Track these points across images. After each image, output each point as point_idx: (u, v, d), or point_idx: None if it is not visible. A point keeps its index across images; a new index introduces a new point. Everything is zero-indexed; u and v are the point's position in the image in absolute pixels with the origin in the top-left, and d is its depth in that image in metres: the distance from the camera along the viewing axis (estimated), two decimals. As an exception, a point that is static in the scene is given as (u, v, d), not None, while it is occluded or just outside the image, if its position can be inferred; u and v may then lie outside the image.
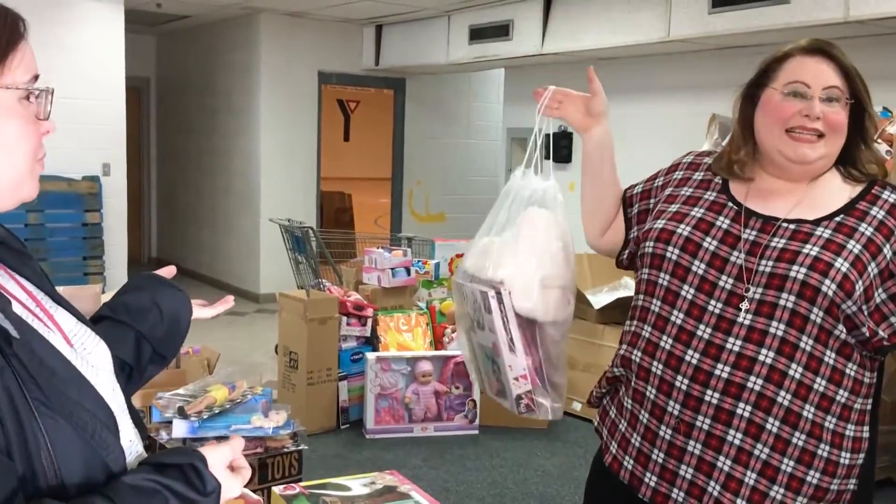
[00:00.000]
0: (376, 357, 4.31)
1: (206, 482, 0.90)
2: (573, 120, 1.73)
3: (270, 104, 7.82)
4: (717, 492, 1.46)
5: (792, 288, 1.41)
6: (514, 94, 7.49)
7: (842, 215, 1.46)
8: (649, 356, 1.52)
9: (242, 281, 8.19)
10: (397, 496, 1.92)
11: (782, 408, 1.42)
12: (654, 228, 1.58)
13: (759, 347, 1.42)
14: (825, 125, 1.46)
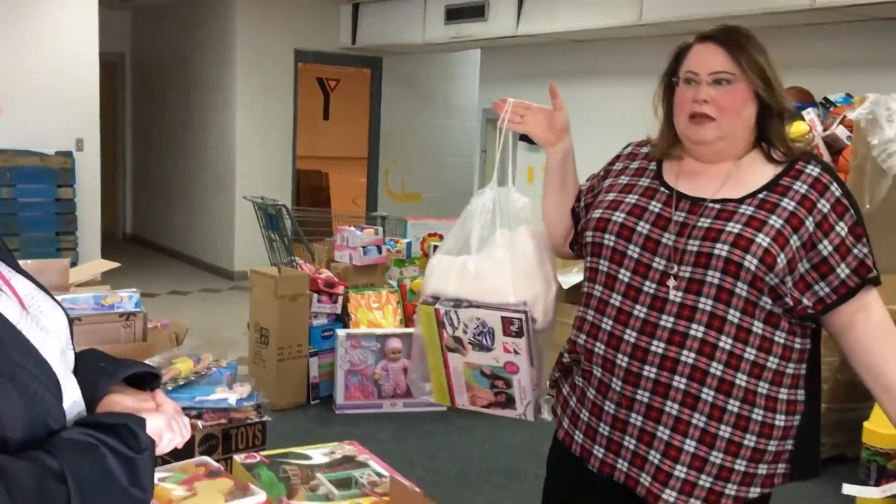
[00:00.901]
0: (346, 334, 4.37)
1: (139, 441, 0.96)
2: (538, 134, 1.75)
3: (246, 81, 7.80)
4: (658, 460, 1.54)
5: (717, 265, 1.49)
6: (489, 74, 7.52)
7: (765, 192, 1.53)
8: (593, 338, 1.61)
9: (217, 258, 8.20)
10: (355, 465, 1.98)
11: (715, 378, 1.50)
12: (591, 218, 1.66)
13: (690, 323, 1.50)
14: (715, 108, 1.53)
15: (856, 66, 4.75)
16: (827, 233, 1.49)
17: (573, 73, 6.51)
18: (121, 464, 0.92)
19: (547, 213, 1.81)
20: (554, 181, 1.79)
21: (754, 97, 1.54)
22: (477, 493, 3.50)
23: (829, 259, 1.49)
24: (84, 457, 0.90)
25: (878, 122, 3.83)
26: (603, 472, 1.63)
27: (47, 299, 1.05)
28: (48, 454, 0.87)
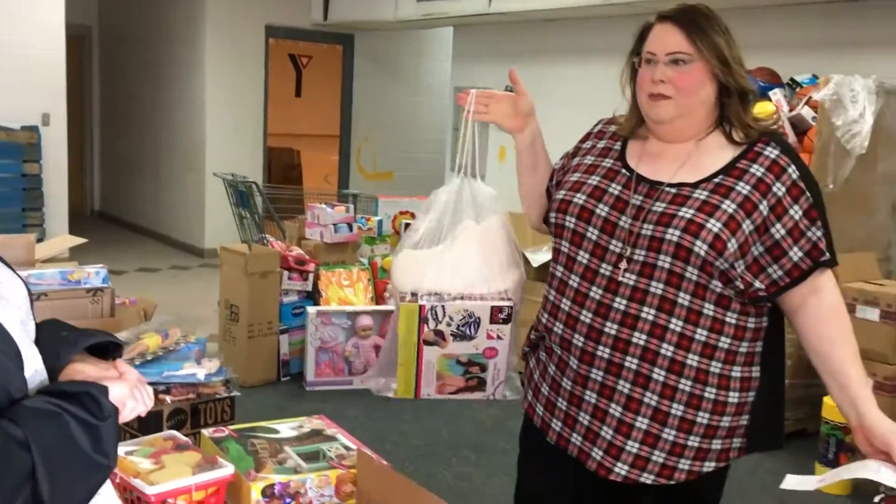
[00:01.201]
0: (317, 311, 4.37)
1: (102, 408, 0.97)
2: (504, 123, 1.75)
3: (216, 57, 7.71)
4: (610, 435, 1.58)
5: (667, 249, 1.51)
6: (462, 52, 7.50)
7: (721, 176, 1.54)
8: (553, 317, 1.66)
9: (187, 235, 8.14)
10: (323, 438, 2.00)
11: (666, 359, 1.53)
12: (556, 199, 1.68)
13: (642, 305, 1.53)
14: (672, 87, 1.55)
15: (822, 47, 4.80)
16: (780, 216, 1.50)
17: (544, 51, 6.51)
18: (84, 431, 0.93)
19: (522, 193, 1.84)
20: (525, 164, 1.80)
21: (712, 77, 1.55)
22: (446, 467, 3.55)
23: (781, 242, 1.51)
24: (47, 424, 0.91)
25: (842, 102, 3.89)
26: (559, 445, 1.67)
27: (5, 270, 1.05)
28: (11, 422, 0.88)
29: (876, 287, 3.64)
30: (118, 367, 1.10)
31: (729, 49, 1.55)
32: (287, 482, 1.75)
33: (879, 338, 3.55)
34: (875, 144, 3.98)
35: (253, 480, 1.72)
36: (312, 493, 1.77)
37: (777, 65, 4.61)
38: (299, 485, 1.76)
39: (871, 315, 3.57)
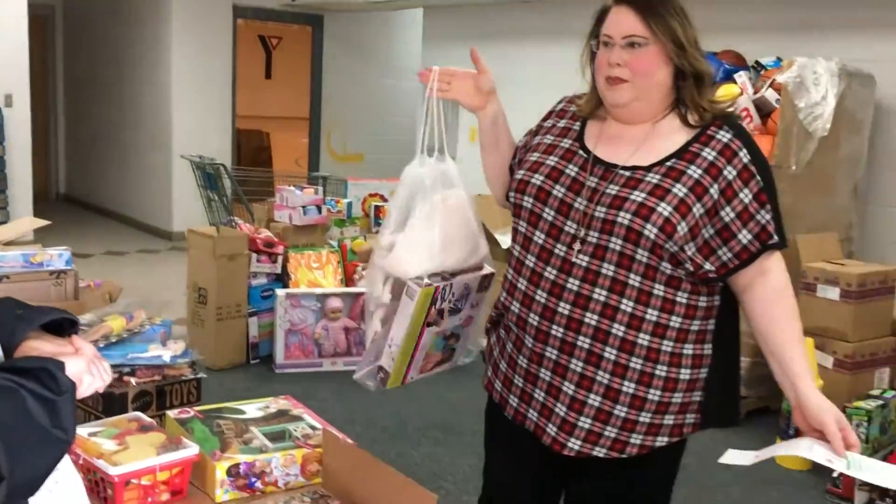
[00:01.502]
0: (286, 293, 4.37)
1: (59, 383, 0.97)
2: (465, 100, 1.74)
3: (182, 37, 7.61)
4: (564, 412, 1.62)
5: (619, 232, 1.53)
6: (432, 34, 7.47)
7: (673, 160, 1.56)
8: (510, 296, 1.69)
9: (155, 218, 8.06)
10: (289, 418, 2.01)
11: (617, 338, 1.56)
12: (514, 179, 1.70)
13: (594, 287, 1.56)
14: (628, 70, 1.56)
15: (787, 30, 4.86)
16: (730, 199, 1.53)
17: (515, 33, 6.51)
18: (41, 406, 0.93)
19: (486, 170, 1.85)
20: (488, 141, 1.81)
21: (668, 60, 1.56)
22: (415, 447, 3.57)
23: (731, 225, 1.53)
24: (4, 400, 0.91)
25: (805, 85, 3.94)
26: (516, 420, 1.71)
27: None
28: None
29: (836, 267, 3.71)
30: (74, 343, 1.09)
31: (684, 31, 1.56)
32: (252, 462, 1.76)
33: (839, 316, 3.62)
34: (837, 127, 4.04)
35: (218, 460, 1.73)
36: (278, 472, 1.78)
37: (743, 48, 4.65)
38: (265, 464, 1.77)
39: (832, 294, 3.64)
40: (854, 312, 3.60)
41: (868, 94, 4.28)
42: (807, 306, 3.75)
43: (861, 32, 4.57)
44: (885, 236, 4.55)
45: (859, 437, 3.19)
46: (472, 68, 1.76)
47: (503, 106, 1.80)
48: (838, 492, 3.26)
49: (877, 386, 3.67)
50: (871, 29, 4.55)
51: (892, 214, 4.53)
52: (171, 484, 1.69)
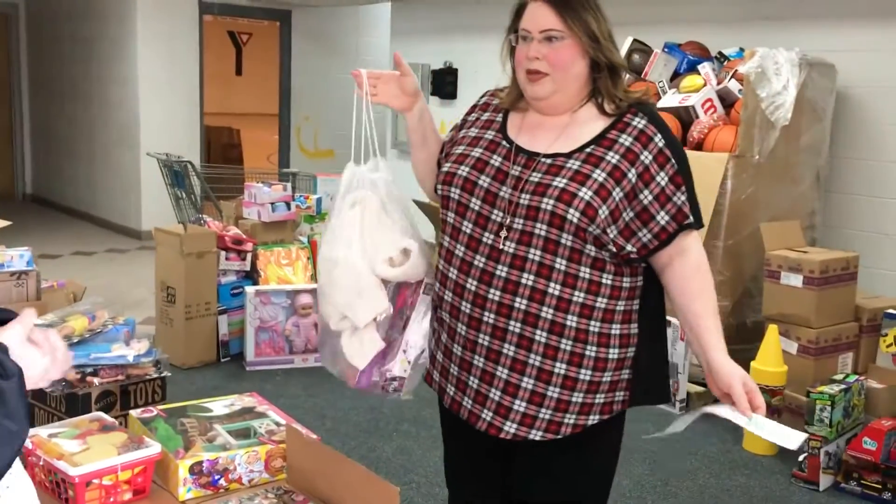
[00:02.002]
0: (256, 290, 4.35)
1: (6, 368, 0.94)
2: (393, 102, 1.80)
3: (148, 33, 7.53)
4: (498, 397, 1.67)
5: (543, 218, 1.59)
6: (400, 29, 7.46)
7: (592, 146, 1.63)
8: (443, 286, 1.73)
9: (123, 217, 7.98)
10: (254, 415, 2.01)
11: (547, 321, 1.62)
12: (441, 172, 1.75)
13: (521, 272, 1.61)
14: (547, 64, 1.62)
15: (749, 21, 4.91)
16: (648, 183, 1.59)
17: (482, 27, 6.52)
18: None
19: (416, 167, 1.91)
20: (415, 139, 1.87)
21: (584, 53, 1.63)
22: (387, 442, 3.58)
23: (649, 207, 1.59)
24: None
25: (766, 75, 3.99)
26: (453, 409, 1.75)
27: None
28: None
29: (799, 254, 3.76)
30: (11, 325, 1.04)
31: (598, 25, 1.63)
32: (215, 459, 1.76)
33: (802, 303, 3.68)
34: (798, 116, 4.10)
35: (181, 459, 1.73)
36: (242, 469, 1.78)
37: (706, 39, 4.70)
38: (228, 461, 1.77)
39: (795, 281, 3.70)
40: (817, 299, 3.66)
41: (828, 84, 4.34)
42: (771, 293, 3.81)
43: (821, 23, 4.64)
44: (846, 223, 4.62)
45: (823, 420, 3.26)
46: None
47: (467, 101, 1.85)
48: (803, 475, 3.32)
49: (840, 371, 3.73)
50: (830, 19, 4.62)
51: (853, 202, 4.60)
52: (133, 483, 1.69)
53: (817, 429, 3.29)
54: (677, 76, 4.51)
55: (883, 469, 3.17)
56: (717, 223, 3.97)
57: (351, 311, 1.73)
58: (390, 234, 1.74)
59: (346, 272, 1.72)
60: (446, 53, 6.86)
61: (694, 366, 4.07)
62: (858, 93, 4.52)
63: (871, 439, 3.15)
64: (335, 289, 1.74)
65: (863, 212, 4.57)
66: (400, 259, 1.77)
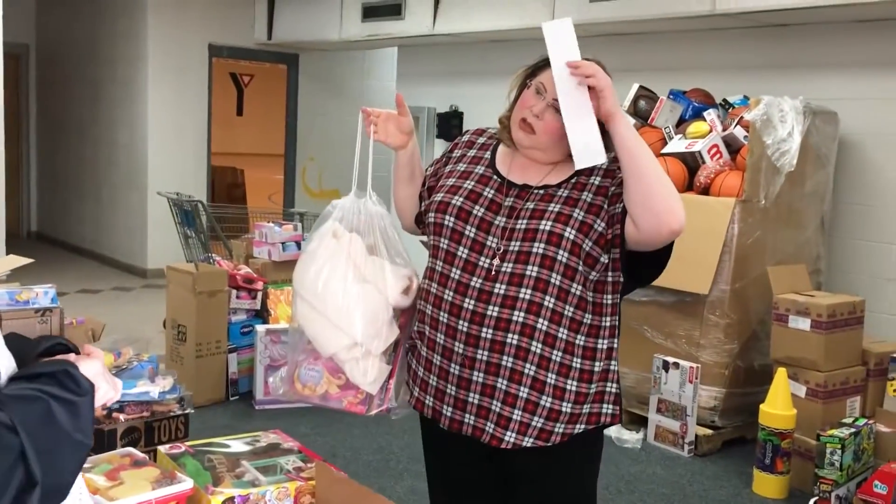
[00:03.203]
0: (266, 329, 4.38)
1: (80, 384, 1.00)
2: (390, 140, 1.92)
3: (158, 76, 7.66)
4: (499, 408, 1.77)
5: (541, 237, 1.73)
6: (406, 72, 7.59)
7: (576, 176, 1.79)
8: (437, 308, 1.81)
9: (129, 256, 8.02)
10: (280, 452, 2.03)
11: (542, 332, 1.74)
12: (434, 201, 1.87)
13: (519, 287, 1.73)
14: (542, 126, 1.76)
15: (753, 70, 5.02)
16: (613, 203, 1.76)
17: (488, 72, 6.64)
18: (64, 409, 0.97)
19: (399, 200, 2.03)
20: (405, 175, 1.98)
21: None
22: (397, 481, 3.58)
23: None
24: (30, 407, 0.94)
25: (772, 122, 4.08)
26: (452, 429, 1.82)
27: None
28: None
29: (807, 298, 3.81)
30: (85, 350, 1.13)
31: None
32: (247, 495, 1.78)
33: (810, 346, 3.71)
34: (803, 162, 4.17)
35: (212, 494, 1.75)
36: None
37: (711, 86, 4.80)
38: (259, 497, 1.79)
39: (803, 325, 3.73)
40: (825, 342, 3.69)
41: (832, 131, 4.43)
42: (779, 336, 3.84)
43: (823, 72, 4.74)
44: (850, 268, 4.67)
45: (833, 464, 3.27)
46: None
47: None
48: (814, 519, 3.32)
49: (849, 414, 3.75)
50: (833, 68, 4.72)
51: (856, 247, 4.66)
52: (165, 518, 1.70)
53: (828, 472, 3.30)
54: (683, 122, 4.60)
55: (894, 513, 3.18)
56: (724, 267, 4.02)
57: (371, 340, 1.79)
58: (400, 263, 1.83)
59: (367, 303, 1.78)
60: (452, 97, 6.98)
61: (702, 408, 4.09)
62: (860, 140, 4.61)
63: (881, 483, 3.16)
64: (355, 319, 1.77)
65: (866, 257, 4.63)
66: (408, 287, 1.86)
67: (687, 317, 4.16)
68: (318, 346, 1.81)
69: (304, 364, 1.85)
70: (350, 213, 1.84)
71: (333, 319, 1.78)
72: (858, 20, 4.56)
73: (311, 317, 1.80)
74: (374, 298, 1.79)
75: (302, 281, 1.82)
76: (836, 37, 4.71)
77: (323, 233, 1.82)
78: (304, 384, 1.85)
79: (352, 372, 1.80)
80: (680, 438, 4.06)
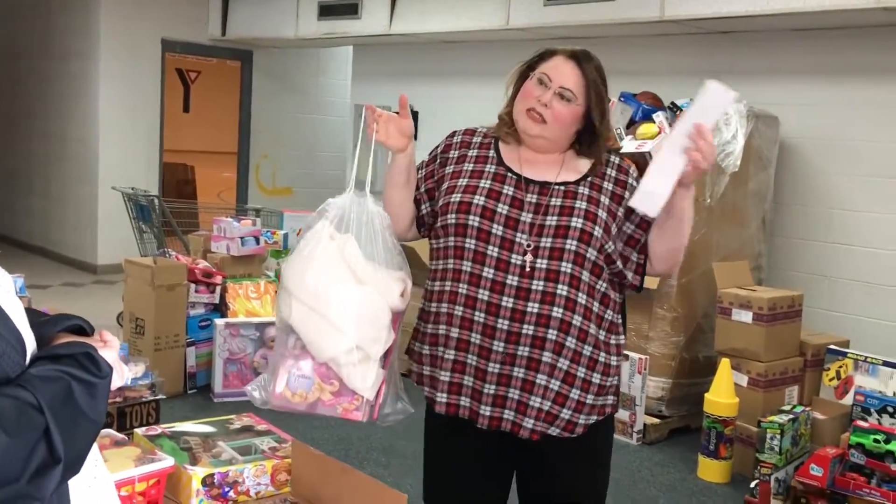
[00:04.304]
0: (225, 323, 4.41)
1: (100, 367, 1.07)
2: (391, 142, 1.86)
3: (111, 70, 7.58)
4: (539, 403, 1.82)
5: (573, 234, 1.81)
6: (361, 71, 7.65)
7: (591, 176, 1.88)
8: (470, 308, 1.81)
9: (79, 251, 7.92)
10: (255, 434, 2.12)
11: (576, 328, 1.81)
12: (452, 202, 1.86)
13: (556, 283, 1.79)
14: (550, 114, 1.83)
15: (700, 74, 5.16)
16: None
17: (444, 72, 6.75)
18: (84, 390, 1.03)
19: (394, 205, 1.93)
20: (401, 179, 1.91)
21: (583, 119, 1.86)
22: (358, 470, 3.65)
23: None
24: (54, 387, 1.00)
25: (717, 125, 4.27)
26: (491, 427, 1.83)
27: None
28: (24, 389, 0.98)
29: (749, 292, 4.00)
30: (103, 337, 1.19)
31: (607, 100, 1.87)
32: (226, 472, 1.85)
33: (752, 338, 3.90)
34: (746, 163, 4.38)
35: (193, 471, 1.82)
36: (250, 482, 1.88)
37: (660, 90, 4.98)
38: (237, 474, 1.87)
39: (745, 318, 3.93)
40: (766, 334, 3.89)
41: (773, 134, 4.64)
42: (723, 329, 4.03)
43: (766, 77, 4.96)
44: (789, 265, 4.90)
45: (773, 448, 3.46)
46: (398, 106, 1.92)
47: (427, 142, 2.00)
48: (755, 501, 3.50)
49: (787, 402, 3.96)
50: (774, 74, 4.95)
51: (794, 245, 4.90)
52: (147, 495, 1.77)
53: (768, 456, 3.49)
54: (633, 124, 4.77)
55: (828, 494, 3.37)
56: (671, 262, 4.20)
57: (372, 344, 1.74)
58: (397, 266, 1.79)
59: (368, 306, 1.74)
60: (407, 97, 7.05)
61: (650, 398, 4.26)
62: (800, 143, 4.85)
63: (817, 466, 3.35)
64: (357, 322, 1.73)
65: (803, 254, 4.86)
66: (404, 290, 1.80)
67: (636, 310, 4.32)
68: (315, 349, 1.74)
69: (293, 370, 1.75)
70: (348, 212, 1.78)
71: (336, 322, 1.72)
72: (797, 29, 4.79)
73: (309, 319, 1.73)
74: (375, 301, 1.75)
75: (299, 283, 1.74)
76: (776, 45, 4.94)
77: (318, 233, 1.76)
78: (294, 391, 1.76)
79: (350, 377, 1.74)
80: (629, 427, 4.22)
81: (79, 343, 1.09)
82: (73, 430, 1.01)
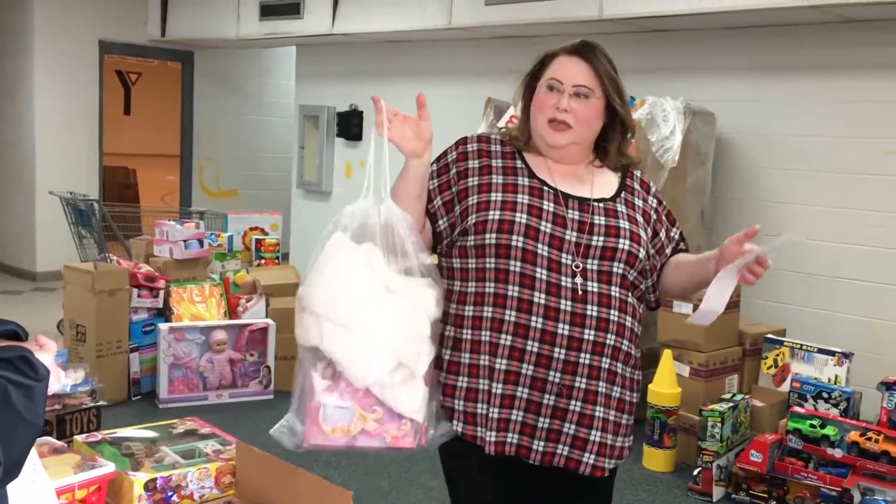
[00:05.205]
0: (169, 327, 4.36)
1: (37, 370, 1.06)
2: (405, 144, 1.65)
3: (46, 72, 7.41)
4: (599, 437, 1.71)
5: (620, 257, 1.72)
6: (305, 71, 7.60)
7: (623, 192, 1.81)
8: (521, 337, 1.66)
9: (15, 259, 7.72)
10: (199, 437, 2.10)
11: (622, 352, 1.73)
12: (491, 220, 1.69)
13: (609, 309, 1.70)
14: (573, 118, 1.72)
15: (638, 72, 5.30)
16: (656, 222, 1.84)
17: (387, 72, 6.75)
18: (22, 394, 1.02)
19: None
20: (415, 191, 1.70)
21: (604, 113, 1.76)
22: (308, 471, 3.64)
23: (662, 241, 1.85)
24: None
25: (656, 121, 4.36)
26: (544, 462, 1.71)
27: None
28: None
29: (689, 285, 4.09)
30: (39, 341, 1.18)
31: (622, 87, 1.77)
32: (169, 476, 1.84)
33: (693, 329, 3.99)
34: (684, 159, 4.47)
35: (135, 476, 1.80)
36: (193, 486, 1.87)
37: (600, 87, 5.06)
38: (181, 478, 1.85)
39: (686, 309, 4.01)
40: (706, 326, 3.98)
41: (710, 130, 4.75)
42: (665, 321, 4.12)
43: (701, 74, 5.08)
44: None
45: (714, 436, 3.54)
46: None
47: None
48: (698, 488, 3.59)
49: (727, 390, 4.06)
50: (710, 71, 5.07)
51: (734, 238, 5.02)
52: (87, 502, 1.75)
53: (709, 444, 3.58)
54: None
55: (768, 479, 3.47)
56: (614, 257, 4.27)
57: (415, 360, 1.60)
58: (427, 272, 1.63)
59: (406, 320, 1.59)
60: (351, 96, 7.04)
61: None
62: (735, 138, 4.97)
63: (756, 452, 3.45)
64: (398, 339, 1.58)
65: (742, 247, 4.98)
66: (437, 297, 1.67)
67: (581, 305, 4.38)
68: (353, 373, 1.55)
69: (327, 401, 1.57)
70: (368, 219, 1.59)
71: (376, 341, 1.55)
72: (731, 27, 4.91)
73: (344, 341, 1.55)
74: (413, 313, 1.60)
75: (328, 303, 1.55)
76: (711, 42, 5.06)
77: (337, 246, 1.58)
78: (334, 426, 1.57)
79: (397, 400, 1.57)
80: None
81: (14, 346, 1.08)
82: (12, 434, 1.00)
